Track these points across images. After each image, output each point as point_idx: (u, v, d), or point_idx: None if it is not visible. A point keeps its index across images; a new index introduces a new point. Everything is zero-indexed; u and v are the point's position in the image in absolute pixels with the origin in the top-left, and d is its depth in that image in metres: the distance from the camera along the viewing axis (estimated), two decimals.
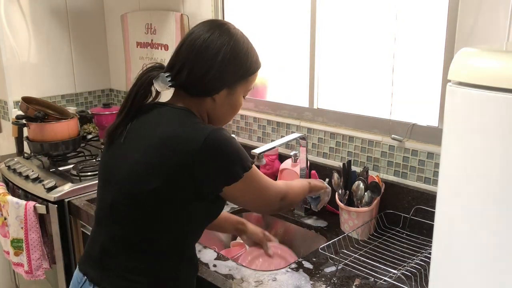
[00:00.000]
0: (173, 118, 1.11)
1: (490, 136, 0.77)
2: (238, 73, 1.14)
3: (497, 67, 0.77)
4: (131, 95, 1.14)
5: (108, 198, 1.13)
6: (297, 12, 1.87)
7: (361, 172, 1.59)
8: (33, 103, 2.25)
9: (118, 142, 1.13)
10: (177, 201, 1.07)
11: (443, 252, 0.87)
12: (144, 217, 1.09)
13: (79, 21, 2.68)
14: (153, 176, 1.05)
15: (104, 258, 1.13)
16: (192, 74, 1.11)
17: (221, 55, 1.10)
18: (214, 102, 1.15)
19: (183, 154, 1.03)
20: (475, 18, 1.35)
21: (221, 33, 1.12)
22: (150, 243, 1.11)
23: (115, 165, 1.13)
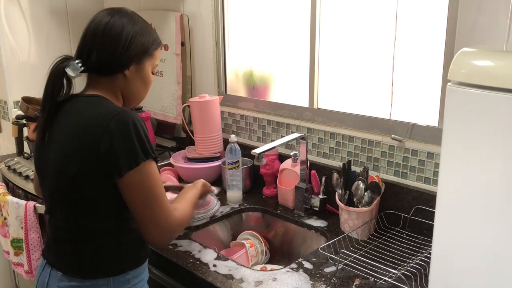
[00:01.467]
0: (85, 105, 1.19)
1: (490, 136, 0.77)
2: (142, 48, 1.24)
3: (497, 67, 0.77)
4: (47, 90, 1.21)
5: (46, 190, 1.25)
6: (297, 12, 1.87)
7: (361, 172, 1.59)
8: (33, 103, 2.25)
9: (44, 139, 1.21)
10: (96, 183, 1.13)
11: (443, 252, 0.87)
12: (76, 202, 1.16)
13: (79, 21, 2.68)
14: (71, 162, 1.13)
15: (55, 243, 1.25)
16: (102, 54, 1.19)
17: (124, 33, 1.20)
18: (126, 78, 1.24)
19: (92, 136, 1.11)
20: (475, 18, 1.35)
21: (120, 15, 1.22)
22: (91, 225, 1.18)
23: (45, 161, 1.22)
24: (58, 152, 1.17)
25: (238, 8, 2.11)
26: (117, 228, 1.20)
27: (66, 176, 1.14)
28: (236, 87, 2.20)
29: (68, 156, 1.14)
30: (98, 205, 1.16)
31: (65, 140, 1.16)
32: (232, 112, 2.15)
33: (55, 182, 1.19)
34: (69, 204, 1.18)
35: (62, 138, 1.17)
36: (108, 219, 1.18)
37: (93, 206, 1.16)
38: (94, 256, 1.20)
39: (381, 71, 1.65)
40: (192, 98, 2.11)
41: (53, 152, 1.19)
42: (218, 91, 2.21)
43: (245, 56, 2.14)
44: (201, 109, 2.02)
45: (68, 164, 1.14)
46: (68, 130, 1.17)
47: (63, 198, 1.19)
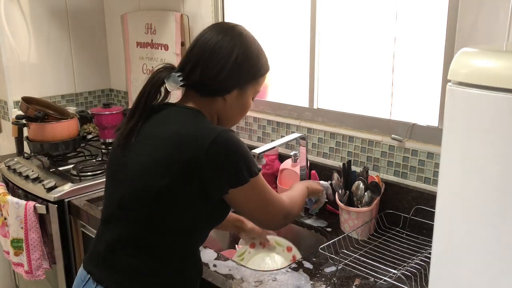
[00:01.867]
0: (183, 117, 1.13)
1: (490, 136, 0.77)
2: (249, 73, 1.17)
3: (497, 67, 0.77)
4: (143, 96, 1.15)
5: (116, 196, 1.14)
6: (297, 12, 1.87)
7: (361, 172, 1.59)
8: (33, 103, 2.25)
9: (129, 142, 1.14)
10: (184, 200, 1.08)
11: (443, 252, 0.87)
12: (151, 216, 1.09)
13: (79, 21, 2.68)
14: (161, 175, 1.06)
15: (108, 257, 1.14)
16: (205, 73, 1.13)
17: (234, 55, 1.13)
18: (225, 102, 1.17)
19: (191, 153, 1.04)
20: (475, 18, 1.35)
21: (233, 35, 1.15)
22: (156, 244, 1.11)
23: (124, 165, 1.14)
24: (145, 160, 1.09)
25: (238, 8, 2.11)
26: (184, 250, 1.15)
27: (151, 187, 1.06)
28: None
29: (157, 168, 1.06)
30: (173, 223, 1.09)
31: (156, 150, 1.08)
32: None
33: (133, 191, 1.10)
34: (142, 216, 1.09)
35: (151, 147, 1.09)
36: (178, 239, 1.12)
37: (171, 221, 1.09)
38: (150, 278, 1.11)
39: (381, 71, 1.65)
40: None
41: (138, 158, 1.11)
42: None
43: None
44: None
45: (156, 176, 1.06)
46: (160, 140, 1.09)
47: (137, 209, 1.10)
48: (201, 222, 1.14)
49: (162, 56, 2.37)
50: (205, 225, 1.18)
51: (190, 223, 1.12)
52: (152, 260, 1.11)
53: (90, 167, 2.09)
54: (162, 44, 2.35)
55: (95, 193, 1.93)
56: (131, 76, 2.61)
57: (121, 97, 2.85)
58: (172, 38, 2.28)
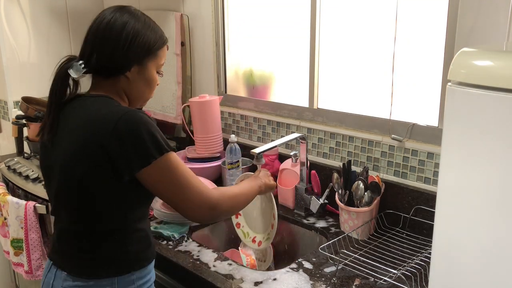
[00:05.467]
0: (92, 106, 1.17)
1: (490, 136, 0.77)
2: (144, 48, 1.20)
3: (497, 67, 0.77)
4: (52, 91, 1.20)
5: (52, 191, 1.23)
6: (297, 12, 1.87)
7: (361, 172, 1.59)
8: (33, 103, 2.25)
9: (51, 139, 1.20)
10: (103, 183, 1.12)
11: (443, 252, 0.87)
12: (82, 202, 1.15)
13: (79, 21, 2.68)
14: (78, 162, 1.12)
15: (60, 244, 1.24)
16: (101, 56, 1.17)
17: (124, 33, 1.17)
18: (128, 80, 1.21)
19: (99, 135, 1.09)
20: (475, 18, 1.35)
21: (122, 13, 1.19)
22: (94, 224, 1.17)
23: (51, 160, 1.21)
24: (65, 152, 1.16)
25: (238, 8, 2.11)
26: (122, 228, 1.19)
27: (73, 175, 1.13)
28: (236, 87, 2.20)
29: (75, 156, 1.13)
30: (104, 205, 1.15)
31: (72, 139, 1.15)
32: (232, 112, 2.15)
33: (61, 182, 1.17)
34: (74, 204, 1.17)
35: (68, 137, 1.16)
36: (114, 219, 1.17)
37: (99, 206, 1.15)
38: (99, 256, 1.19)
39: (381, 71, 1.65)
40: (192, 98, 2.11)
41: (59, 152, 1.17)
42: (218, 91, 2.21)
43: (245, 56, 2.14)
44: (201, 109, 2.02)
45: (75, 164, 1.13)
46: (74, 130, 1.15)
47: (68, 198, 1.17)
48: (129, 202, 1.17)
49: None
50: (135, 203, 1.19)
51: (117, 204, 1.16)
52: (97, 240, 1.18)
53: None
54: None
55: None
56: None
57: None
58: (172, 38, 2.28)
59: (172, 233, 1.57)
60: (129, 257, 1.21)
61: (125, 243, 1.20)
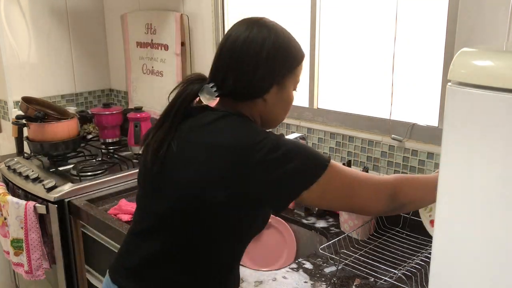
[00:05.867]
0: (229, 125, 1.03)
1: (490, 136, 0.77)
2: (284, 66, 1.07)
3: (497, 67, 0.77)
4: (172, 110, 1.06)
5: (157, 209, 1.06)
6: (297, 12, 1.87)
7: None
8: (33, 103, 2.25)
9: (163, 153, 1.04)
10: (234, 213, 1.01)
11: (443, 252, 0.87)
12: (197, 230, 1.03)
13: (79, 21, 2.68)
14: (213, 187, 0.98)
15: (144, 270, 1.08)
16: (239, 78, 1.04)
17: (264, 52, 1.03)
18: (266, 103, 1.07)
19: (245, 163, 0.96)
20: (475, 18, 1.35)
21: (259, 28, 1.05)
22: (198, 257, 1.05)
23: (166, 176, 1.05)
24: (193, 171, 1.00)
25: (238, 8, 2.11)
26: (225, 264, 1.08)
27: (202, 200, 0.99)
28: None
29: (210, 179, 0.98)
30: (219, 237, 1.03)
31: (205, 159, 0.99)
32: None
33: (181, 203, 1.02)
34: (187, 230, 1.03)
35: (199, 156, 1.00)
36: (221, 255, 1.06)
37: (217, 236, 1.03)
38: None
39: (381, 71, 1.65)
40: None
41: (183, 169, 1.01)
42: None
43: None
44: None
45: (209, 188, 0.98)
46: (212, 149, 1.00)
47: (182, 221, 1.02)
48: (243, 234, 1.08)
49: (162, 56, 2.37)
50: (247, 236, 1.11)
51: (234, 238, 1.06)
52: (190, 274, 1.06)
53: (90, 167, 2.09)
54: (162, 44, 2.35)
55: (95, 193, 1.93)
56: (131, 76, 2.61)
57: (121, 97, 2.85)
58: (172, 38, 2.28)
59: None
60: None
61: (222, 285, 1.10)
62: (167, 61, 2.33)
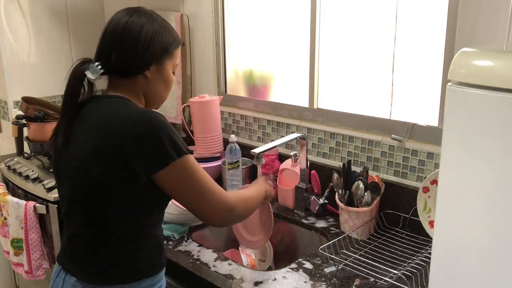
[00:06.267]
0: (109, 107, 1.16)
1: (490, 136, 0.77)
2: (162, 47, 1.21)
3: (497, 67, 0.77)
4: (68, 93, 1.20)
5: (65, 193, 1.22)
6: (297, 12, 1.87)
7: (361, 172, 1.59)
8: (33, 103, 2.25)
9: (66, 141, 1.19)
10: (119, 186, 1.11)
11: (443, 252, 0.87)
12: (95, 206, 1.14)
13: (79, 21, 2.68)
14: (95, 163, 1.11)
15: (70, 248, 1.22)
16: (121, 55, 1.17)
17: (143, 32, 1.18)
18: (147, 80, 1.21)
19: (117, 137, 1.08)
20: (475, 18, 1.35)
21: (139, 14, 1.20)
22: (107, 229, 1.16)
23: (65, 162, 1.19)
24: (79, 153, 1.14)
25: (238, 8, 2.11)
26: (135, 233, 1.17)
27: (89, 177, 1.12)
28: (236, 87, 2.20)
29: (91, 157, 1.11)
30: (119, 208, 1.13)
31: (87, 141, 1.13)
32: (232, 112, 2.15)
33: (76, 184, 1.16)
34: (88, 206, 1.15)
35: (83, 139, 1.15)
36: (128, 223, 1.16)
37: (114, 209, 1.13)
38: (111, 262, 1.17)
39: (381, 71, 1.65)
40: (192, 98, 2.11)
41: (73, 153, 1.16)
42: (218, 91, 2.21)
43: (245, 56, 2.14)
44: (201, 109, 2.02)
45: (91, 165, 1.11)
46: (89, 131, 1.14)
47: (82, 200, 1.15)
48: (144, 206, 1.16)
49: None
50: (150, 208, 1.18)
51: (133, 207, 1.14)
52: (110, 245, 1.17)
53: None
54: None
55: None
56: None
57: None
58: None
59: (172, 233, 1.57)
60: (141, 264, 1.19)
61: (138, 249, 1.18)
62: None
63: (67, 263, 1.21)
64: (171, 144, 1.09)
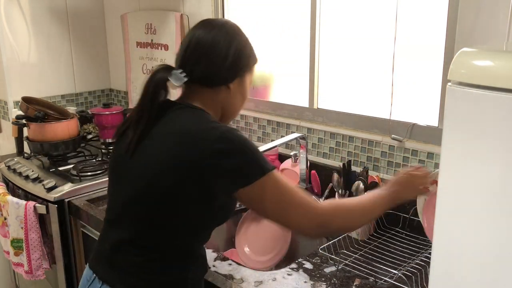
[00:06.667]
0: (187, 116, 1.12)
1: (490, 136, 0.77)
2: (246, 62, 1.20)
3: (497, 67, 0.77)
4: (146, 97, 1.12)
5: (121, 197, 1.15)
6: (297, 12, 1.87)
7: (361, 172, 1.59)
8: (33, 103, 2.25)
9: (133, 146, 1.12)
10: (188, 201, 1.06)
11: (443, 252, 0.87)
12: (154, 216, 1.09)
13: (79, 21, 2.68)
14: (164, 175, 1.05)
15: (114, 256, 1.14)
16: (210, 65, 1.15)
17: (233, 46, 1.16)
18: (229, 91, 1.18)
19: (194, 152, 1.03)
20: (475, 18, 1.35)
21: (227, 29, 1.18)
22: (160, 242, 1.11)
23: (130, 167, 1.13)
24: (150, 161, 1.08)
25: (238, 8, 2.11)
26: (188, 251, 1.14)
27: (155, 189, 1.06)
28: None
29: (162, 169, 1.06)
30: (182, 222, 1.09)
31: (162, 150, 1.08)
32: None
33: (138, 192, 1.10)
34: (147, 217, 1.10)
35: (157, 147, 1.09)
36: (185, 238, 1.12)
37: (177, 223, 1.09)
38: (155, 276, 1.11)
39: (381, 71, 1.65)
40: None
41: (143, 159, 1.10)
42: None
43: None
44: None
45: (160, 177, 1.06)
46: (166, 140, 1.09)
47: (142, 210, 1.10)
48: (205, 222, 1.13)
49: (162, 56, 2.37)
50: (210, 224, 1.16)
51: (193, 223, 1.11)
52: (156, 259, 1.11)
53: (90, 167, 2.09)
54: (162, 44, 2.35)
55: (95, 193, 1.93)
56: (131, 76, 2.61)
57: (121, 97, 2.85)
58: (172, 38, 2.28)
59: None
60: (187, 284, 1.15)
61: (187, 268, 1.15)
62: (167, 61, 2.33)
63: (105, 271, 1.15)
64: (255, 162, 1.05)
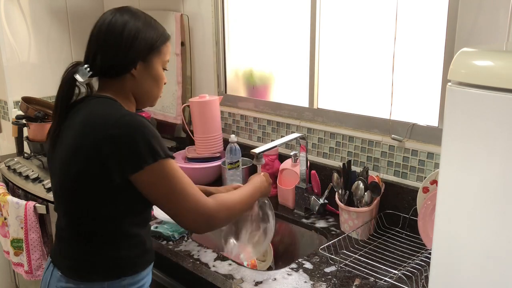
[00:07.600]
0: (94, 106, 1.18)
1: (490, 136, 0.77)
2: (147, 44, 1.20)
3: (497, 67, 0.77)
4: (59, 97, 1.21)
5: (53, 189, 1.26)
6: (297, 12, 1.87)
7: (361, 172, 1.59)
8: (33, 103, 2.25)
9: (53, 141, 1.22)
10: (97, 185, 1.11)
11: (443, 252, 0.87)
12: (76, 203, 1.16)
13: (79, 21, 2.68)
14: (74, 161, 1.13)
15: (58, 244, 1.25)
16: (105, 56, 1.17)
17: (126, 31, 1.17)
18: (134, 78, 1.21)
19: (95, 136, 1.10)
20: (475, 18, 1.35)
21: (122, 13, 1.20)
22: (88, 227, 1.17)
23: (53, 160, 1.22)
24: (63, 152, 1.17)
25: (238, 8, 2.11)
26: (116, 232, 1.18)
27: (69, 175, 1.14)
28: (236, 87, 2.20)
29: (71, 156, 1.14)
30: (97, 206, 1.15)
31: (71, 139, 1.16)
32: (232, 112, 2.15)
33: (60, 181, 1.19)
34: (70, 203, 1.18)
35: (69, 137, 1.17)
36: (107, 222, 1.16)
37: (92, 207, 1.15)
38: (91, 259, 1.18)
39: (381, 71, 1.65)
40: (192, 98, 2.11)
41: (59, 152, 1.19)
42: (218, 91, 2.21)
43: (245, 56, 2.14)
44: (201, 109, 2.02)
45: (71, 163, 1.14)
46: (75, 130, 1.16)
47: (65, 197, 1.19)
48: (123, 206, 1.16)
49: None
50: (130, 208, 1.18)
51: (111, 207, 1.15)
52: (90, 242, 1.18)
53: None
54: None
55: None
56: None
57: None
58: (172, 38, 2.28)
59: (172, 233, 1.57)
60: (120, 263, 1.20)
61: (119, 248, 1.19)
62: None
63: (54, 257, 1.24)
64: (148, 148, 1.08)
